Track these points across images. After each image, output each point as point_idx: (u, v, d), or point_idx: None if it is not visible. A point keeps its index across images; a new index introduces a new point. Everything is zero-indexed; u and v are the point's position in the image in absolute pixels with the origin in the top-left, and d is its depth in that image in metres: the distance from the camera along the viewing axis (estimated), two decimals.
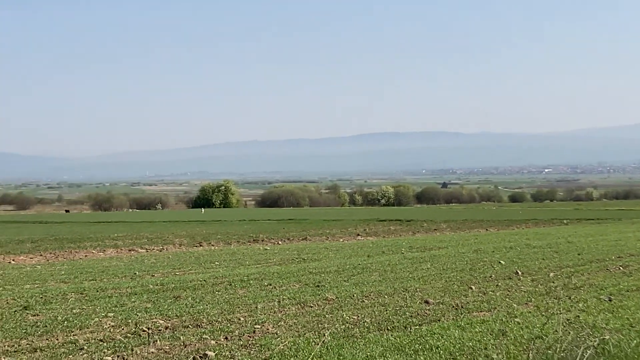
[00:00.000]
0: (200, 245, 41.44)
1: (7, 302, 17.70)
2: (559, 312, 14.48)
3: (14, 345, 12.75)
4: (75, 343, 12.84)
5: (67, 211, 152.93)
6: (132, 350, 12.23)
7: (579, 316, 14.90)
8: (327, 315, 15.27)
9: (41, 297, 18.41)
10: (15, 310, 16.39)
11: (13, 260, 33.36)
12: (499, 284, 20.17)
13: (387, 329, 13.78)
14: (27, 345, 12.74)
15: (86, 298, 18.27)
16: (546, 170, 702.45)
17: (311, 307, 16.49)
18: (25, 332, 13.87)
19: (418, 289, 19.07)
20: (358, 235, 49.68)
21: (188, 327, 14.27)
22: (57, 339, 13.23)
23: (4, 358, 11.86)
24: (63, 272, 25.66)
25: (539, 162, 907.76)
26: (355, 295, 18.11)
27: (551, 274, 22.22)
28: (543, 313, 15.17)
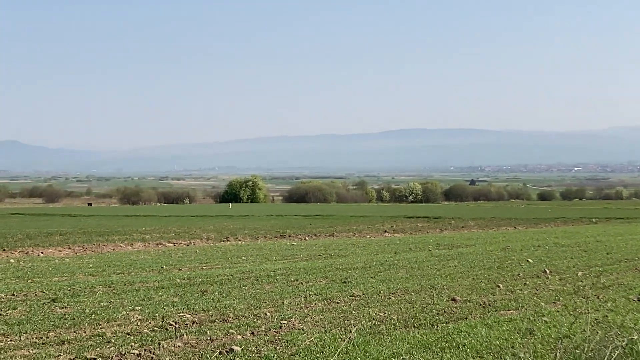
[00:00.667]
0: (228, 240, 41.49)
1: (36, 295, 17.79)
2: (587, 311, 14.39)
3: (42, 337, 12.81)
4: (102, 336, 12.89)
5: (89, 204, 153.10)
6: (159, 344, 12.25)
7: (607, 316, 14.80)
8: (353, 312, 15.25)
9: (69, 290, 18.49)
10: (44, 303, 16.48)
11: (42, 252, 33.54)
12: (527, 282, 20.07)
13: (414, 326, 13.75)
14: (55, 338, 12.79)
15: (114, 291, 18.34)
16: (575, 168, 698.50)
17: (338, 303, 16.48)
18: (53, 325, 13.93)
19: (445, 287, 19.01)
20: (385, 231, 49.58)
21: (215, 321, 14.29)
22: (85, 332, 13.29)
23: (32, 350, 11.93)
24: (91, 265, 25.78)
25: (569, 161, 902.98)
26: (381, 292, 18.07)
27: (580, 273, 22.10)
28: (571, 312, 15.08)
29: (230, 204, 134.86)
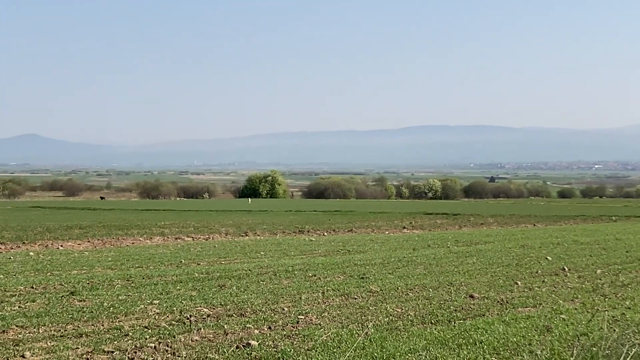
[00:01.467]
0: (246, 235, 41.54)
1: (55, 288, 17.89)
2: (604, 309, 14.34)
3: (60, 330, 12.88)
4: (120, 329, 12.95)
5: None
6: (176, 337, 12.30)
7: (624, 314, 14.75)
8: (371, 308, 15.25)
9: (88, 283, 18.58)
10: (63, 296, 16.56)
11: (61, 246, 33.70)
12: (545, 279, 20.01)
13: (431, 323, 13.74)
14: (73, 330, 12.86)
15: (132, 285, 18.41)
16: (596, 166, 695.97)
17: (355, 298, 16.48)
18: (71, 317, 14.00)
19: (463, 283, 18.99)
20: (404, 228, 49.52)
21: (232, 315, 14.33)
22: (103, 325, 13.35)
23: (50, 342, 11.99)
24: (110, 259, 25.88)
25: (589, 158, 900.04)
26: (399, 288, 18.07)
27: (598, 271, 22.01)
28: (589, 310, 15.03)
29: (250, 199, 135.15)
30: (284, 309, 14.97)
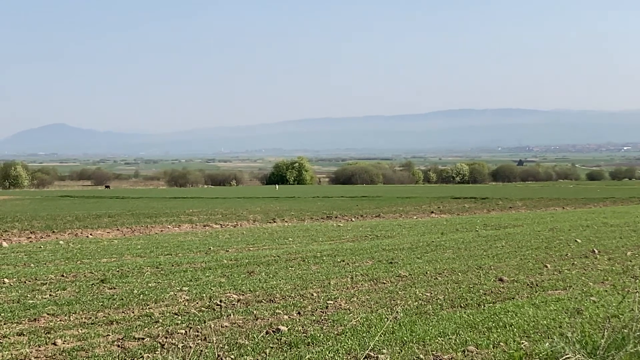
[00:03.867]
0: (274, 221, 41.65)
1: (85, 276, 18.01)
2: (635, 290, 14.24)
3: (90, 318, 12.96)
4: (150, 316, 13.02)
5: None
6: (206, 323, 12.35)
7: None
8: (399, 292, 15.24)
9: (118, 271, 18.70)
10: (93, 284, 16.67)
11: (91, 234, 33.94)
12: (575, 262, 19.90)
13: (460, 306, 13.72)
14: (104, 318, 12.94)
15: (162, 272, 18.50)
16: (625, 148, 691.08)
17: (384, 283, 16.48)
18: (102, 305, 14.09)
19: (492, 267, 18.93)
20: (432, 212, 49.45)
21: (261, 301, 14.37)
22: (133, 312, 13.43)
23: (81, 329, 12.07)
24: (139, 247, 26.03)
25: (618, 140, 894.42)
26: (428, 272, 18.04)
27: (629, 253, 21.87)
28: (619, 292, 14.93)
29: (277, 186, 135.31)
30: (312, 295, 14.99)
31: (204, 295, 15.02)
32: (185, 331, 11.81)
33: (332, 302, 14.18)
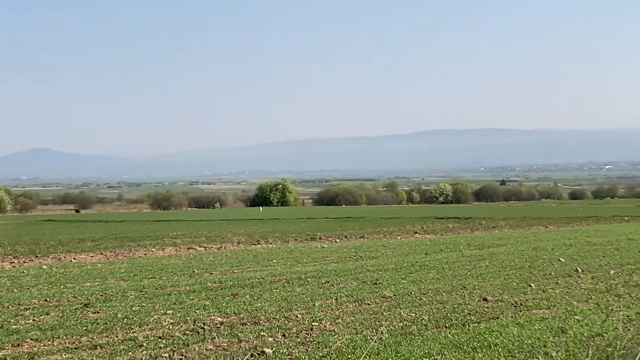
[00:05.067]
0: (258, 244, 41.55)
1: (68, 300, 17.94)
2: (619, 309, 14.31)
3: (74, 342, 12.92)
4: (134, 340, 12.98)
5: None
6: (190, 346, 12.32)
7: (639, 313, 14.72)
8: (384, 313, 15.25)
9: (101, 295, 18.64)
10: (76, 308, 16.61)
11: (74, 258, 33.77)
12: (559, 281, 19.99)
13: (445, 327, 13.75)
14: (88, 342, 12.90)
15: (145, 296, 18.46)
16: (607, 166, 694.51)
17: (369, 304, 16.49)
18: (85, 329, 14.04)
19: (476, 287, 18.98)
20: (416, 233, 49.46)
21: (246, 324, 14.35)
22: (117, 336, 13.39)
23: (65, 354, 12.02)
24: (123, 270, 25.94)
25: (600, 159, 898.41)
26: (412, 292, 18.07)
27: (612, 272, 21.98)
28: (603, 310, 15.00)
29: (261, 208, 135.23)
30: (297, 316, 14.99)
31: (189, 318, 14.99)
32: (170, 355, 11.80)
33: (316, 323, 14.17)
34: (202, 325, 14.16)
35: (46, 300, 17.91)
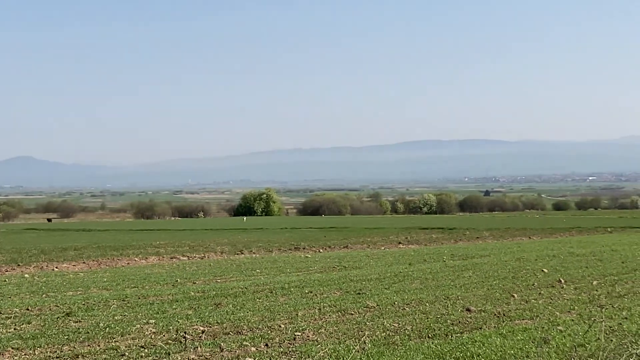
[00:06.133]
0: (242, 253, 41.52)
1: (50, 309, 17.87)
2: (601, 319, 14.35)
3: (56, 352, 12.87)
4: (116, 349, 12.94)
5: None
6: (173, 356, 12.28)
7: (621, 324, 14.78)
8: (367, 323, 15.24)
9: (83, 304, 18.56)
10: (58, 317, 16.54)
11: (56, 267, 33.67)
12: (542, 292, 20.02)
13: (428, 337, 13.75)
14: (69, 352, 12.84)
15: (128, 305, 18.40)
16: (590, 178, 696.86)
17: (352, 314, 16.48)
18: (67, 339, 13.98)
19: (460, 297, 18.99)
20: (399, 243, 49.52)
21: (229, 333, 14.32)
22: (99, 346, 13.33)
23: None
24: (105, 280, 25.86)
25: (583, 170, 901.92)
26: (396, 302, 18.07)
27: (595, 282, 22.04)
28: (586, 321, 15.03)
29: (245, 217, 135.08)
30: (280, 326, 14.96)
31: (171, 327, 14.95)
32: None
33: (299, 333, 14.15)
34: (184, 334, 14.12)
35: (28, 309, 17.83)
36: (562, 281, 22.26)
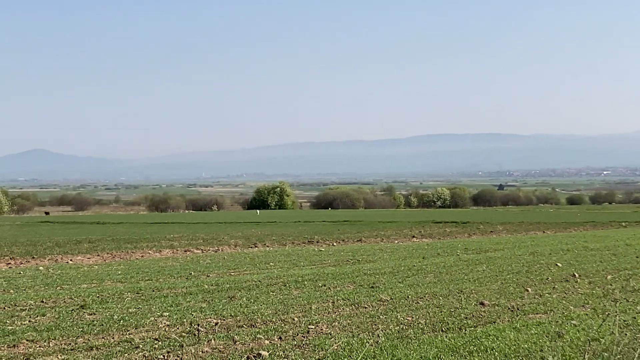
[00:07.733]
0: (255, 246, 41.53)
1: (65, 301, 17.91)
2: (615, 313, 14.29)
3: (70, 344, 12.89)
4: (130, 342, 12.95)
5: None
6: (186, 349, 12.29)
7: (635, 318, 14.70)
8: (381, 316, 15.22)
9: (98, 297, 18.60)
10: (73, 309, 16.58)
11: (71, 260, 33.76)
12: (556, 286, 19.95)
13: (442, 331, 13.71)
14: (84, 344, 12.87)
15: (142, 297, 18.42)
16: (605, 172, 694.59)
17: (365, 308, 16.45)
18: (82, 331, 14.01)
19: (473, 291, 18.94)
20: (413, 237, 49.45)
21: (242, 326, 14.32)
22: (113, 338, 13.36)
23: (61, 356, 11.99)
24: (120, 272, 25.90)
25: (598, 164, 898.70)
26: (409, 296, 18.03)
27: (609, 277, 21.94)
28: (600, 315, 14.98)
29: (258, 211, 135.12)
30: (294, 319, 14.96)
31: (185, 320, 14.97)
32: (165, 356, 11.77)
33: (313, 326, 14.14)
34: (197, 327, 14.13)
35: (42, 302, 17.89)
36: (576, 275, 22.17)
